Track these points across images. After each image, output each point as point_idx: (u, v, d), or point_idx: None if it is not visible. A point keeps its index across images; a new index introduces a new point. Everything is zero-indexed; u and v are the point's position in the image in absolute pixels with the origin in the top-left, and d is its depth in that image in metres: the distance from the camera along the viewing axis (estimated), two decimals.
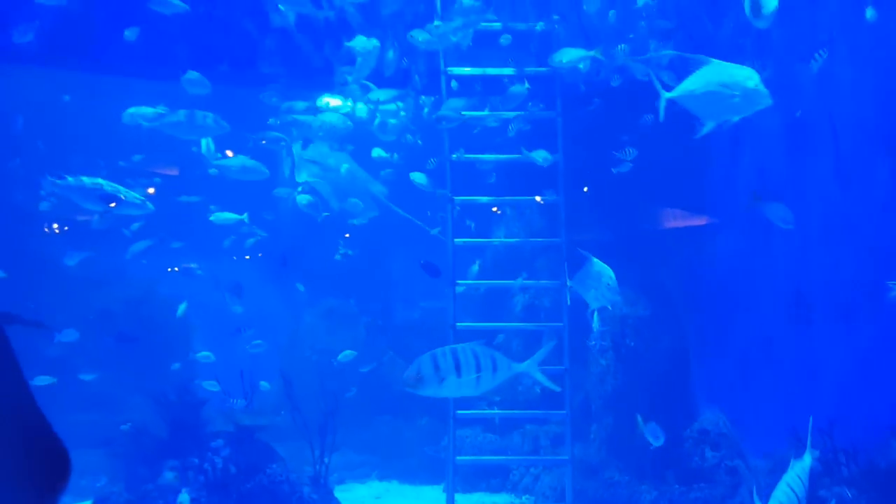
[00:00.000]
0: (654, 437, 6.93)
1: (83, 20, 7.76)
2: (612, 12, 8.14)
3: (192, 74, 7.24)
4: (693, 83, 4.81)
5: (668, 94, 5.10)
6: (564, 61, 7.57)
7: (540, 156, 8.18)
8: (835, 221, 9.75)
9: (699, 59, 4.75)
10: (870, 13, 7.53)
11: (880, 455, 7.96)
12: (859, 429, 7.99)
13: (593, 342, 9.34)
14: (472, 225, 10.31)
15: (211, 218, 9.20)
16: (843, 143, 9.44)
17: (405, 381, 4.82)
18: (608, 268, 5.86)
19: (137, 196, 6.29)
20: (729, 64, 4.77)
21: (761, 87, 4.69)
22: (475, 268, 9.00)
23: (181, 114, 7.02)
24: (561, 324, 8.64)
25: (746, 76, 4.68)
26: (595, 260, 5.94)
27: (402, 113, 8.46)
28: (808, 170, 9.74)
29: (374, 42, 7.73)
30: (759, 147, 9.85)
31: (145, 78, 9.15)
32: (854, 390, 9.18)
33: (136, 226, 10.42)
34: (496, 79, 8.71)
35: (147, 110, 7.71)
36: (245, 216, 9.17)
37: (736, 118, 4.81)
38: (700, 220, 10.62)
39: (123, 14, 7.79)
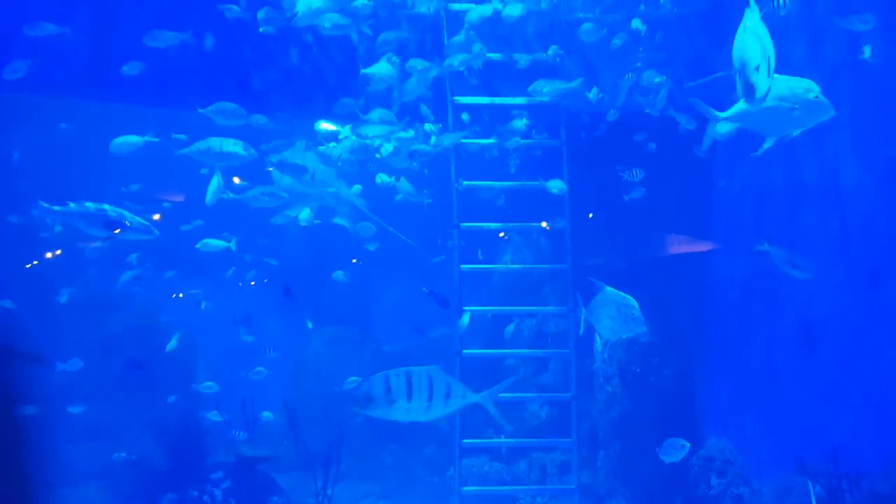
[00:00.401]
0: (679, 449, 6.72)
1: (81, 49, 7.83)
2: (617, 37, 8.18)
3: (227, 105, 7.09)
4: None
5: (722, 115, 4.94)
6: (545, 91, 7.64)
7: (556, 185, 8.25)
8: (839, 246, 9.72)
9: None
10: (868, 52, 7.51)
11: (883, 482, 7.91)
12: (863, 455, 7.95)
13: (597, 365, 9.29)
14: (480, 253, 10.28)
15: (197, 245, 9.13)
16: (845, 164, 9.43)
17: (354, 400, 4.74)
18: (629, 297, 5.58)
19: (142, 221, 6.25)
20: (787, 77, 4.63)
21: (822, 98, 4.56)
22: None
23: (212, 141, 7.00)
24: (567, 350, 8.62)
25: (806, 88, 4.56)
26: (610, 289, 5.67)
27: (415, 144, 8.56)
28: (812, 193, 9.72)
29: (394, 59, 7.76)
30: (761, 170, 9.85)
31: (144, 105, 9.19)
32: (858, 416, 9.12)
33: (133, 256, 10.37)
34: (503, 108, 8.78)
35: (135, 139, 7.74)
36: (232, 243, 9.11)
37: (797, 132, 4.67)
38: (705, 246, 10.61)
39: (122, 43, 7.86)
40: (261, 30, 7.74)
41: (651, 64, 8.37)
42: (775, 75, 4.53)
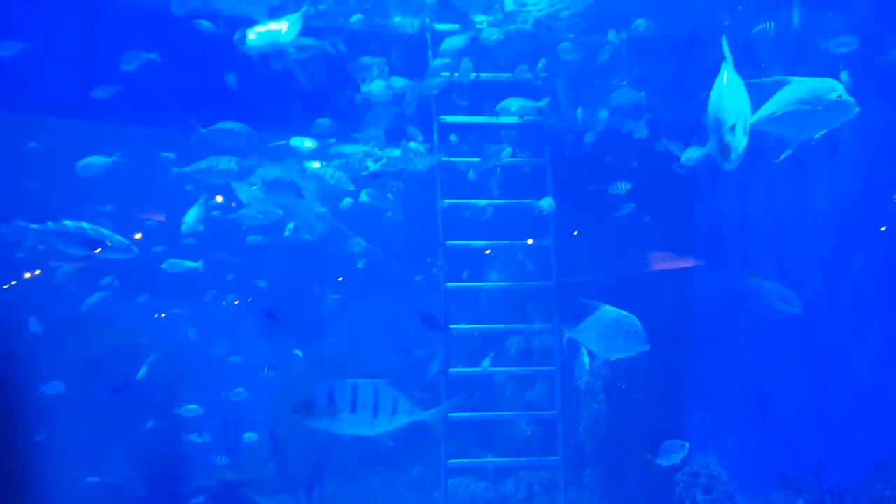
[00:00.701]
0: (679, 450, 6.60)
1: (56, 66, 7.78)
2: (603, 51, 8.24)
3: (236, 125, 7.00)
4: (771, 106, 4.49)
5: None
6: (513, 110, 7.70)
7: (546, 203, 8.28)
8: (820, 261, 9.79)
9: (779, 81, 4.47)
10: (844, 76, 7.57)
11: (863, 495, 7.94)
12: (846, 469, 7.98)
13: (581, 381, 9.25)
14: (466, 273, 10.26)
15: (163, 266, 9.03)
16: (832, 183, 9.51)
17: (295, 409, 4.57)
18: (629, 314, 5.26)
19: (122, 240, 6.18)
20: (808, 79, 4.53)
21: (845, 97, 4.43)
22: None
23: (210, 160, 6.98)
24: (553, 368, 8.59)
25: (827, 88, 4.44)
26: (608, 307, 5.35)
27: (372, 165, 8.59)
28: (796, 205, 9.80)
29: (381, 64, 7.75)
30: (745, 188, 9.92)
31: (121, 124, 9.12)
32: (840, 431, 9.17)
33: (106, 280, 10.22)
34: (491, 128, 8.81)
35: (101, 160, 7.71)
36: (199, 264, 9.01)
37: (819, 134, 4.58)
38: (690, 262, 10.66)
39: (99, 61, 7.82)
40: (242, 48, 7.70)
41: (632, 86, 8.44)
42: (796, 78, 4.48)
